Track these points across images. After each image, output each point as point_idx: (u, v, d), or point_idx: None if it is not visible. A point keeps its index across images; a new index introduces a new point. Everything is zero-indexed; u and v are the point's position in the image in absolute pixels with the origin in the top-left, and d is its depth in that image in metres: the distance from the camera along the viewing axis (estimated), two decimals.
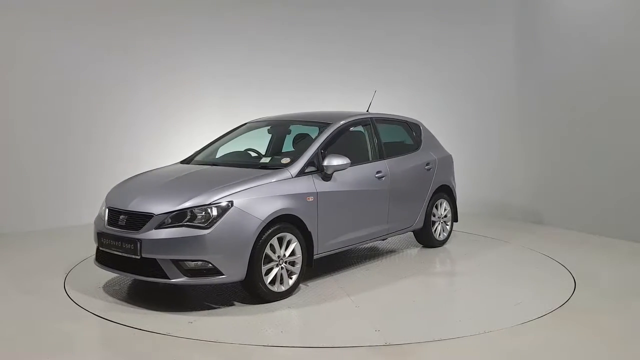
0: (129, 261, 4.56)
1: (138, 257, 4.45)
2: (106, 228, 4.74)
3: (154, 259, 4.41)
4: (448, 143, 7.22)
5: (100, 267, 4.87)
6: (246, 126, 6.25)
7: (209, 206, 4.46)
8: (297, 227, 4.87)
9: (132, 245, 4.46)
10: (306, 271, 5.03)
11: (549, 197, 8.13)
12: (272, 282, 4.68)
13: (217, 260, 4.40)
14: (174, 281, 4.42)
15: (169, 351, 3.78)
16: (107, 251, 4.72)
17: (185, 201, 4.50)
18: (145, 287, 5.08)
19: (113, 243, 4.63)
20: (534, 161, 8.38)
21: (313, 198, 5.00)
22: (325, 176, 5.16)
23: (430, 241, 6.57)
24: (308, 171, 5.10)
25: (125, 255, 4.54)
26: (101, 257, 4.86)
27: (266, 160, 5.49)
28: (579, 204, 7.62)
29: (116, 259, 4.67)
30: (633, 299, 4.91)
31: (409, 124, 6.66)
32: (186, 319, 4.31)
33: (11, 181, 7.42)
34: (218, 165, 5.44)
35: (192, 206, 4.46)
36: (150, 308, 4.55)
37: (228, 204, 4.49)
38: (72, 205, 7.80)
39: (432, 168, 6.50)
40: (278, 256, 4.72)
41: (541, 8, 8.24)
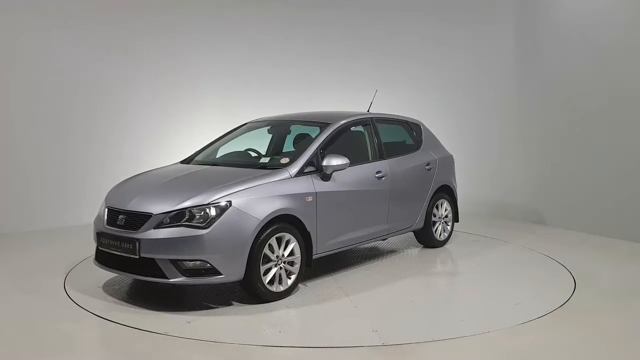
0: (128, 261, 4.56)
1: (137, 257, 4.45)
2: (105, 228, 4.75)
3: (153, 259, 4.42)
4: (448, 143, 7.22)
5: (99, 267, 4.88)
6: (246, 126, 6.25)
7: (208, 206, 4.46)
8: (296, 227, 4.86)
9: (131, 245, 4.47)
10: (305, 271, 5.03)
11: (549, 197, 8.13)
12: (271, 282, 4.67)
13: (215, 260, 4.40)
14: (173, 281, 4.42)
15: (169, 351, 3.78)
16: (107, 251, 4.73)
17: (183, 201, 4.50)
18: (144, 287, 5.09)
19: (112, 243, 4.64)
20: (534, 161, 8.38)
21: (312, 198, 4.99)
22: (324, 176, 5.15)
23: (430, 241, 6.56)
24: (307, 171, 5.09)
25: (124, 255, 4.55)
26: (101, 257, 4.87)
27: (265, 160, 5.48)
28: (579, 204, 7.62)
29: (115, 259, 4.67)
30: (633, 299, 4.91)
31: (410, 124, 6.66)
32: (184, 319, 4.31)
33: (11, 181, 7.43)
34: (218, 165, 5.44)
35: (191, 206, 4.46)
36: (150, 308, 4.55)
37: (226, 204, 4.48)
38: (72, 205, 7.80)
39: (433, 168, 6.50)
40: (277, 256, 4.71)
41: (541, 8, 8.24)
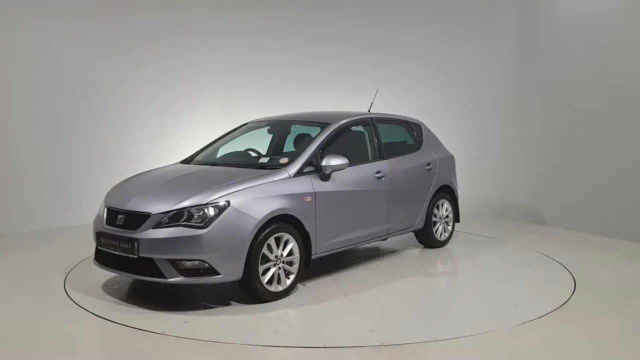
0: (127, 261, 4.56)
1: (135, 257, 4.46)
2: (105, 227, 4.76)
3: (151, 259, 4.42)
4: (448, 143, 7.22)
5: (99, 267, 4.88)
6: (247, 126, 6.25)
7: (206, 206, 4.46)
8: (295, 227, 4.86)
9: (130, 244, 4.47)
10: (305, 271, 5.03)
11: (549, 197, 8.13)
12: (270, 282, 4.67)
13: (214, 259, 4.40)
14: (171, 280, 4.42)
15: (169, 351, 3.78)
16: (106, 251, 4.73)
17: (182, 201, 4.50)
18: (144, 287, 5.09)
19: (111, 242, 4.64)
20: (534, 161, 8.38)
21: (311, 198, 4.99)
22: (323, 176, 5.15)
23: (431, 241, 6.56)
24: (306, 171, 5.09)
25: (123, 254, 4.56)
26: (100, 257, 4.87)
27: (265, 160, 5.48)
28: (579, 204, 7.62)
29: (115, 259, 4.68)
30: (633, 299, 4.91)
31: (410, 124, 6.66)
32: (183, 319, 4.31)
33: (11, 181, 7.42)
34: (218, 165, 5.44)
35: (189, 206, 4.46)
36: (149, 307, 4.55)
37: (225, 204, 4.48)
38: (72, 205, 7.80)
39: (433, 168, 6.49)
40: (275, 256, 4.71)
41: (541, 8, 8.24)
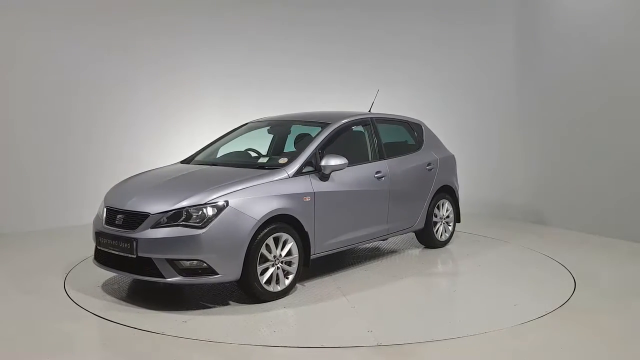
0: (126, 260, 4.57)
1: (134, 256, 4.46)
2: (104, 227, 4.77)
3: (150, 258, 4.43)
4: (448, 143, 7.22)
5: (99, 266, 4.89)
6: (247, 126, 6.25)
7: (204, 206, 4.46)
8: (294, 227, 4.86)
9: (128, 244, 4.48)
10: (304, 271, 5.03)
11: (549, 197, 8.13)
12: (268, 282, 4.67)
13: (212, 259, 4.40)
14: (170, 280, 4.42)
15: (169, 351, 3.78)
16: (105, 250, 4.74)
17: (181, 201, 4.51)
18: (143, 286, 5.09)
19: (110, 242, 4.65)
20: (534, 161, 8.38)
21: (310, 198, 4.99)
22: (322, 176, 5.15)
23: (431, 242, 6.56)
24: (305, 171, 5.09)
25: (122, 254, 4.56)
26: (100, 257, 4.88)
27: (264, 160, 5.48)
28: (579, 204, 7.62)
29: (114, 258, 4.68)
30: (633, 299, 4.91)
31: (411, 124, 6.65)
32: (181, 318, 4.31)
33: (11, 181, 7.42)
34: (217, 165, 5.44)
35: (188, 206, 4.46)
36: (148, 307, 4.55)
37: (224, 204, 4.49)
38: (72, 205, 7.80)
39: (434, 168, 6.49)
40: (274, 256, 4.71)
41: (541, 8, 8.24)
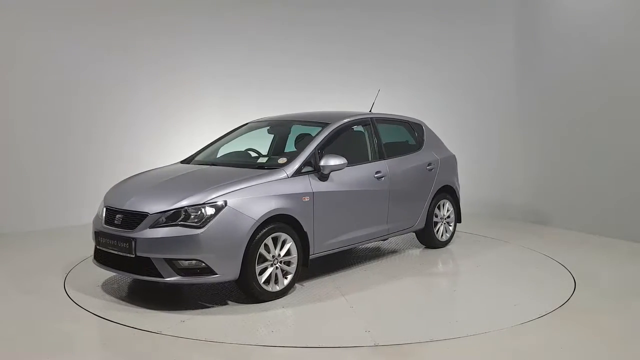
0: (125, 260, 4.57)
1: (133, 256, 4.47)
2: (103, 227, 4.77)
3: (149, 258, 4.43)
4: (448, 143, 7.22)
5: (98, 266, 4.89)
6: (247, 126, 6.25)
7: (203, 206, 4.47)
8: (293, 227, 4.86)
9: (127, 244, 4.49)
10: (303, 271, 5.02)
11: (549, 197, 8.12)
12: (267, 282, 4.67)
13: (210, 259, 4.40)
14: (168, 280, 4.43)
15: (169, 351, 3.78)
16: (105, 250, 4.74)
17: (179, 200, 4.51)
18: (143, 286, 5.09)
19: (110, 242, 4.66)
20: (534, 161, 8.38)
21: (309, 198, 4.99)
22: (322, 176, 5.14)
23: (432, 242, 6.55)
24: (305, 171, 5.08)
25: (120, 254, 4.57)
26: (99, 256, 4.89)
27: (263, 160, 5.48)
28: (579, 204, 7.62)
29: (113, 258, 4.69)
30: (633, 299, 4.91)
31: (411, 124, 6.65)
32: (179, 318, 4.31)
33: (11, 181, 7.42)
34: (217, 165, 5.44)
35: (187, 205, 4.47)
36: (148, 307, 4.55)
37: (222, 204, 4.49)
38: (72, 205, 7.80)
39: (434, 168, 6.49)
40: (273, 256, 4.71)
41: (541, 8, 8.24)
